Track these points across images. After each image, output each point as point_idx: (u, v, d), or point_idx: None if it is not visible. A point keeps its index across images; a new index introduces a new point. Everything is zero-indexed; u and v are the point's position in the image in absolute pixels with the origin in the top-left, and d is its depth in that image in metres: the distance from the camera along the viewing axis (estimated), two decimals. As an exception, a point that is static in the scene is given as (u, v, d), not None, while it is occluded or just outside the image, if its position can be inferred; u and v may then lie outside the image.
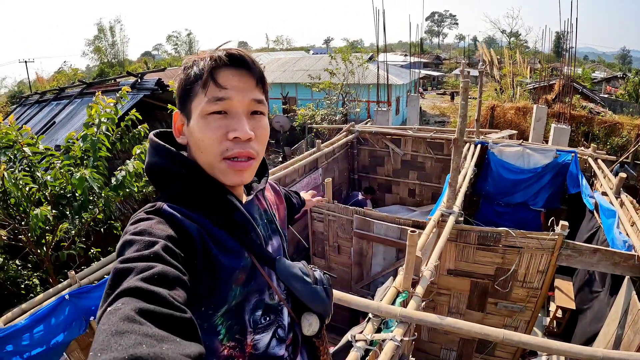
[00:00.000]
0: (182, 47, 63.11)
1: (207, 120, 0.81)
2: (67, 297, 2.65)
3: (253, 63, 0.86)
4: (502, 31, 40.07)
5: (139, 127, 4.03)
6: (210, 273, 0.78)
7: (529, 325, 4.13)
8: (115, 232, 4.44)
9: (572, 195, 5.75)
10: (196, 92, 0.82)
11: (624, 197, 4.40)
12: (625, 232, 3.69)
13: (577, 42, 12.18)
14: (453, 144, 3.59)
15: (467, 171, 5.03)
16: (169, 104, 4.32)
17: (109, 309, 0.54)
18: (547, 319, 5.51)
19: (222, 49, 0.85)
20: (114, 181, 3.50)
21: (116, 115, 3.69)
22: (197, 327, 0.58)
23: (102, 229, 4.59)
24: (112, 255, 3.35)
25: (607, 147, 12.64)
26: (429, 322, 2.23)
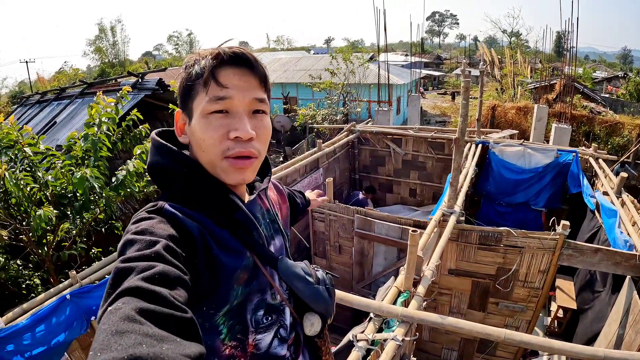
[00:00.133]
0: (183, 47, 62.99)
1: (209, 120, 0.81)
2: (68, 296, 2.66)
3: (254, 61, 0.85)
4: (502, 31, 39.93)
5: (140, 127, 4.03)
6: (211, 272, 0.78)
7: (530, 325, 4.13)
8: (116, 232, 4.44)
9: (573, 195, 5.74)
10: (197, 91, 0.82)
11: (625, 197, 4.39)
12: (627, 232, 3.68)
13: (578, 42, 12.15)
14: (454, 144, 3.59)
15: (468, 171, 5.02)
16: (170, 104, 4.32)
17: (109, 308, 0.53)
18: (548, 319, 5.51)
19: (223, 47, 0.84)
20: (114, 181, 3.50)
21: (117, 115, 3.69)
22: (198, 327, 0.58)
23: (103, 229, 4.60)
24: (113, 255, 3.35)
25: (608, 146, 12.63)
26: (431, 322, 2.22)
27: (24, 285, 4.29)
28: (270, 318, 0.95)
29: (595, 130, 13.43)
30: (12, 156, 3.31)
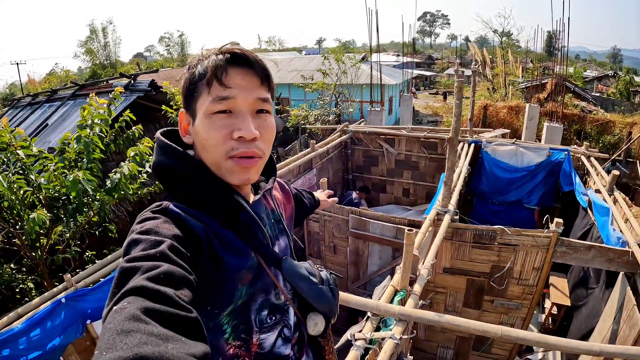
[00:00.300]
0: (174, 48, 62.54)
1: (212, 120, 0.81)
2: (63, 300, 2.63)
3: (257, 61, 0.85)
4: (494, 31, 40.19)
5: (133, 128, 4.01)
6: (216, 272, 0.78)
7: (525, 322, 4.16)
8: (110, 234, 4.41)
9: (566, 193, 5.80)
10: (200, 91, 0.82)
11: (617, 194, 4.44)
12: (619, 229, 3.72)
13: (569, 41, 12.25)
14: (448, 143, 3.60)
15: (461, 170, 5.06)
16: (162, 105, 4.30)
17: (114, 307, 0.54)
18: (543, 316, 5.56)
19: (226, 48, 0.84)
20: (108, 183, 3.47)
21: (109, 117, 3.66)
22: (203, 326, 0.58)
23: (97, 232, 4.56)
24: (108, 258, 3.32)
25: (600, 145, 12.78)
26: (428, 320, 2.24)
27: (17, 290, 4.25)
28: (274, 318, 0.95)
29: (586, 129, 13.58)
30: (5, 159, 3.28)
